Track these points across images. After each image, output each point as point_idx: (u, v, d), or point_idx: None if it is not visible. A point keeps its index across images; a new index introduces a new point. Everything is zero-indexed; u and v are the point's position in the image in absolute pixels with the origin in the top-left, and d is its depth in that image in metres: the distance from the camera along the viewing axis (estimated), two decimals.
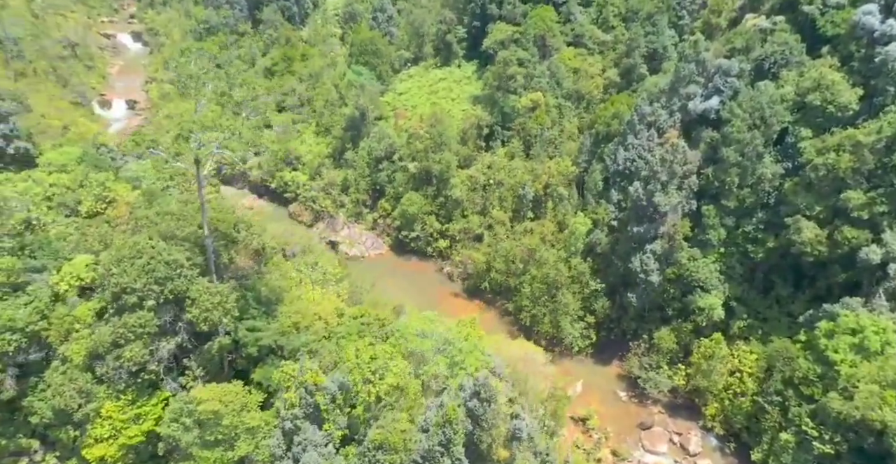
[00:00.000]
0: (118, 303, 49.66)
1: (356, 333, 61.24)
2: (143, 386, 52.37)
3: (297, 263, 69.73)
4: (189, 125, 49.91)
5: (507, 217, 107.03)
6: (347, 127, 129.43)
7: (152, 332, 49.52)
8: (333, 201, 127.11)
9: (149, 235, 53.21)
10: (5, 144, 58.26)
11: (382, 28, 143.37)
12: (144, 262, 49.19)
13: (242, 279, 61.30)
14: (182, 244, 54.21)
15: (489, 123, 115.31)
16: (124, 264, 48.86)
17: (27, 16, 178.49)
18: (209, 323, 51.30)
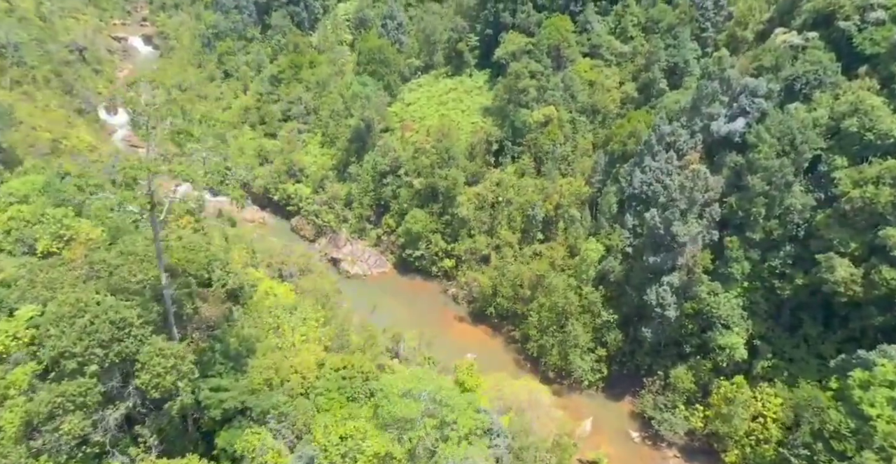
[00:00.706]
0: (56, 368, 44.05)
1: (336, 389, 55.52)
2: (89, 458, 45.26)
3: (273, 309, 63.16)
4: (133, 171, 44.11)
5: (516, 238, 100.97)
6: (353, 138, 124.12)
7: (95, 401, 43.68)
8: (336, 216, 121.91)
9: (96, 289, 47.40)
10: None
11: (392, 36, 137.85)
12: (86, 322, 43.14)
13: (210, 330, 55.55)
14: (133, 298, 47.88)
15: (499, 138, 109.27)
16: (63, 324, 43.17)
17: (35, 19, 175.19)
18: (161, 390, 45.47)
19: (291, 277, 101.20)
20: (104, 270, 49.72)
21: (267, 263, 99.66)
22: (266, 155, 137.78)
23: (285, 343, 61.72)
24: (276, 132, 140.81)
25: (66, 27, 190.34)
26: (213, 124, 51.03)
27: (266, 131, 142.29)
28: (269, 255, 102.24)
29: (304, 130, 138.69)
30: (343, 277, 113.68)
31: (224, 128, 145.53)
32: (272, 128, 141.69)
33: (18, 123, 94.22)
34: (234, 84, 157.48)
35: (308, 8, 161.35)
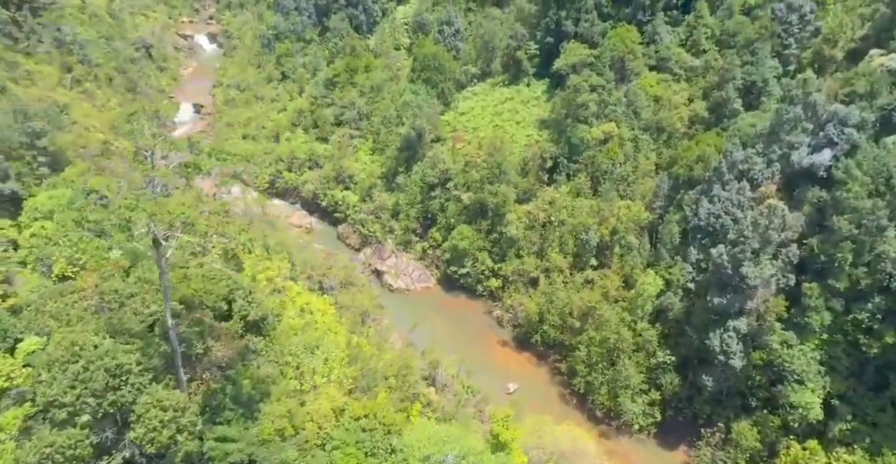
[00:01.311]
0: (46, 416, 39.91)
1: (354, 443, 49.94)
2: None
3: (294, 347, 57.16)
4: (127, 213, 39.32)
5: (567, 263, 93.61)
6: (402, 147, 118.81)
7: (87, 453, 39.30)
8: (382, 226, 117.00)
9: (96, 328, 42.87)
10: None
11: (448, 42, 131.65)
12: (80, 368, 38.86)
13: (223, 369, 50.73)
14: (134, 341, 43.14)
15: (554, 154, 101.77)
16: (56, 370, 38.89)
17: (105, 17, 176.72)
18: (157, 445, 40.75)
19: (332, 290, 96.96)
20: (114, 302, 45.38)
21: (307, 275, 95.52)
22: (317, 159, 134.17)
23: (304, 385, 56.47)
24: (328, 136, 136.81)
25: (135, 24, 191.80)
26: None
27: (318, 135, 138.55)
28: (310, 266, 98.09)
29: (356, 136, 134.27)
30: (385, 291, 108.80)
31: (277, 129, 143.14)
32: (324, 132, 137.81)
33: (72, 123, 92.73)
34: (291, 86, 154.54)
35: (367, 11, 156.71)
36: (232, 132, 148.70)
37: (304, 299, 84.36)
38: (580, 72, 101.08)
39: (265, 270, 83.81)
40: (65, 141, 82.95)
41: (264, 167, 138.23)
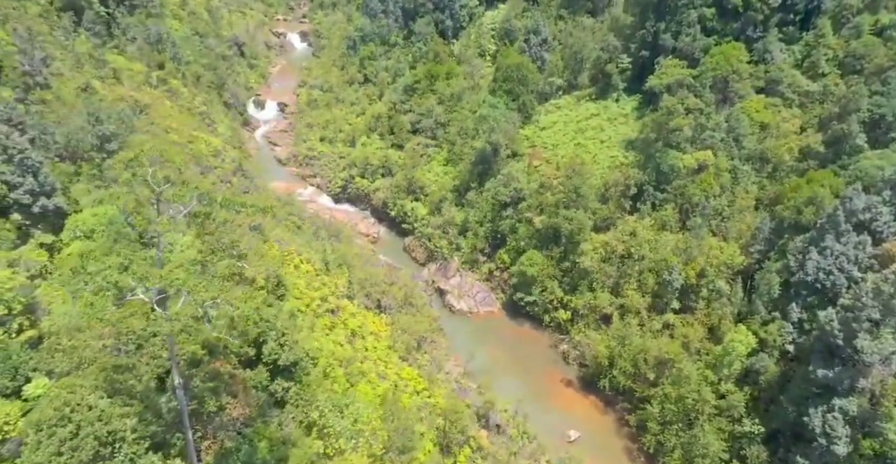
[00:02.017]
0: None
1: None
2: None
3: (323, 403, 50.18)
4: (114, 277, 33.72)
5: (645, 303, 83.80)
6: (477, 161, 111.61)
7: None
8: (449, 243, 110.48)
9: (96, 383, 37.57)
10: (31, 201, 47.49)
11: (534, 52, 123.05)
12: (68, 434, 33.84)
13: (241, 426, 45.00)
14: (132, 403, 37.48)
15: (639, 181, 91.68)
16: (43, 433, 34.18)
17: (203, 13, 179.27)
18: None
19: (390, 309, 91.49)
20: (131, 343, 40.52)
21: (366, 292, 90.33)
22: (390, 166, 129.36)
23: (329, 448, 50.17)
24: (404, 144, 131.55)
25: (230, 22, 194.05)
26: (237, 209, 40.05)
27: (394, 142, 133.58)
28: (370, 282, 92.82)
29: (431, 145, 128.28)
30: (446, 312, 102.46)
31: (354, 133, 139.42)
32: (400, 139, 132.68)
33: (149, 124, 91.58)
34: (371, 90, 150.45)
35: (453, 16, 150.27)
36: (311, 134, 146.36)
37: (358, 321, 79.24)
38: (676, 92, 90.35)
39: (320, 287, 79.21)
40: (138, 142, 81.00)
41: (338, 171, 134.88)
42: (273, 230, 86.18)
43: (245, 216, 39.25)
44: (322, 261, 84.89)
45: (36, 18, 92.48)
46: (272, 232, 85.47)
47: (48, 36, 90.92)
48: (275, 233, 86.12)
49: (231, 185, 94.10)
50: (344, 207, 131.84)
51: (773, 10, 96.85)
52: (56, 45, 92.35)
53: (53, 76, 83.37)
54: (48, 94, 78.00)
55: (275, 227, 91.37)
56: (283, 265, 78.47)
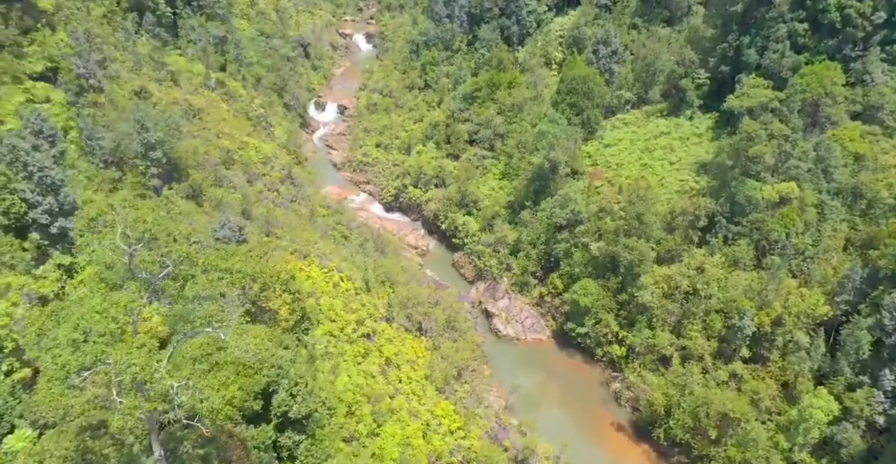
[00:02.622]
0: None
1: None
2: None
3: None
4: (73, 359, 28.46)
5: (710, 348, 75.44)
6: (533, 177, 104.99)
7: None
8: (500, 262, 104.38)
9: (64, 454, 32.59)
10: (49, 222, 44.67)
11: (602, 64, 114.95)
12: None
13: None
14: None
15: (711, 212, 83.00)
16: None
17: (272, 14, 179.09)
18: None
19: (431, 333, 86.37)
20: None
21: (407, 314, 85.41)
22: (444, 177, 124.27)
23: None
24: (460, 154, 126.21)
25: (298, 22, 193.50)
26: (219, 277, 34.69)
27: (450, 151, 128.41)
28: (413, 302, 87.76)
29: (487, 157, 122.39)
30: (492, 336, 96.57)
31: (410, 141, 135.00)
32: (456, 149, 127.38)
33: (202, 129, 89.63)
34: (431, 96, 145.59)
35: (520, 22, 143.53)
36: (367, 139, 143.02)
37: (395, 348, 74.32)
38: (758, 116, 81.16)
39: (358, 309, 74.79)
40: (186, 149, 78.77)
41: (391, 179, 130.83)
42: (315, 244, 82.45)
43: (227, 285, 33.48)
44: (363, 280, 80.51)
45: (99, 19, 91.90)
46: (314, 246, 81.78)
47: (108, 38, 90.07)
48: (317, 247, 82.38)
49: (278, 193, 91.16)
50: (395, 217, 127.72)
51: (876, 26, 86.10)
52: (117, 47, 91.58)
53: (110, 79, 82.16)
54: (101, 97, 76.57)
55: (318, 239, 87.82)
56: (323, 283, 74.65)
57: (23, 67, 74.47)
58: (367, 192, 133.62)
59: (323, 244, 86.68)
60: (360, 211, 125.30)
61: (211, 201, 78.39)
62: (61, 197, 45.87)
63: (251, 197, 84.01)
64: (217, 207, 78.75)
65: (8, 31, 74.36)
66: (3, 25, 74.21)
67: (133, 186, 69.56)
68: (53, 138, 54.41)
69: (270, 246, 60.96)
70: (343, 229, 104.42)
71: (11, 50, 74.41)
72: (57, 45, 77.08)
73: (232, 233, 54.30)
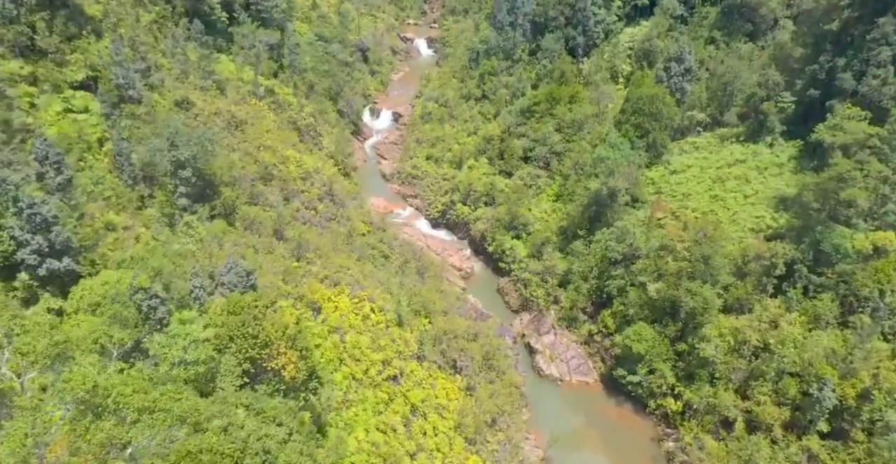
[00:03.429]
0: None
1: None
2: None
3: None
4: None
5: (781, 417, 66.12)
6: (590, 203, 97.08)
7: None
8: (547, 293, 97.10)
9: None
10: (38, 262, 41.04)
11: (674, 82, 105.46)
12: None
13: None
14: None
15: (790, 258, 73.30)
16: None
17: (333, 17, 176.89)
18: None
19: (467, 371, 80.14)
20: None
21: (441, 350, 79.46)
22: (494, 195, 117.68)
23: None
24: (513, 171, 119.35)
25: (359, 25, 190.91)
26: (156, 421, 28.88)
27: (502, 168, 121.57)
28: (449, 336, 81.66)
29: (542, 176, 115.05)
30: (533, 374, 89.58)
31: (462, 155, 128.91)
32: (510, 165, 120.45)
33: (243, 141, 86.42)
34: (487, 107, 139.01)
35: (586, 32, 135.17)
36: (418, 150, 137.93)
37: (423, 393, 68.23)
38: (853, 154, 70.96)
39: (387, 345, 69.35)
40: (221, 165, 75.36)
41: (440, 195, 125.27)
42: (349, 270, 77.60)
43: (146, 428, 27.32)
44: (396, 312, 75.08)
45: (150, 25, 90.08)
46: (347, 272, 76.97)
47: (158, 45, 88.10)
48: (350, 273, 77.54)
49: (315, 212, 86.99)
50: (440, 234, 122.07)
51: None
52: (166, 54, 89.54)
53: (152, 89, 79.89)
54: (140, 108, 74.12)
55: (353, 263, 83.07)
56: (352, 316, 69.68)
57: (64, 76, 72.80)
58: (414, 206, 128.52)
59: (358, 268, 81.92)
60: (404, 227, 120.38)
61: (243, 220, 74.80)
62: (53, 236, 42.35)
63: (286, 216, 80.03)
64: (249, 227, 75.22)
65: (51, 38, 72.79)
66: (46, 32, 72.67)
67: (161, 204, 66.49)
68: (59, 165, 51.37)
69: (278, 294, 56.13)
70: (384, 248, 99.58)
71: (54, 57, 72.87)
72: (99, 53, 75.05)
73: (239, 279, 49.73)
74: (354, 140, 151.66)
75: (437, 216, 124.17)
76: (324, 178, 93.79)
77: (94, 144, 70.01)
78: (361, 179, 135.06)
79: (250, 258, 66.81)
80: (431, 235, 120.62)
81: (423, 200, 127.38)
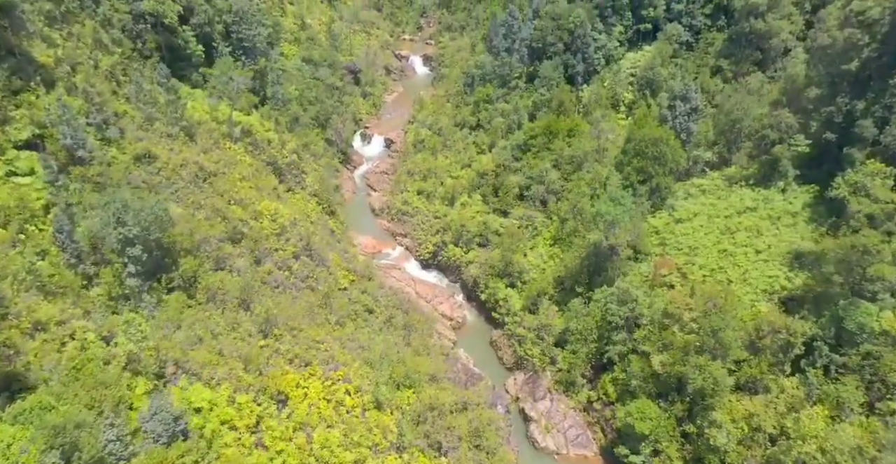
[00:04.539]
0: None
1: None
2: None
3: None
4: None
5: None
6: (589, 255, 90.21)
7: None
8: (543, 353, 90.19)
9: None
10: None
11: (679, 123, 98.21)
12: None
13: None
14: None
15: (809, 336, 66.22)
16: None
17: (322, 39, 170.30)
18: None
19: (453, 452, 73.14)
20: None
21: (425, 430, 72.44)
22: (488, 235, 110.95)
23: None
24: (508, 210, 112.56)
25: (352, 45, 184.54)
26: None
27: (497, 206, 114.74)
28: (434, 413, 74.53)
29: (538, 217, 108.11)
30: (528, 445, 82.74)
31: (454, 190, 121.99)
32: (504, 204, 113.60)
33: (212, 194, 79.50)
34: (482, 137, 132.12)
35: (586, 60, 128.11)
36: (409, 183, 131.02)
37: None
38: (881, 223, 63.84)
39: (362, 437, 62.48)
40: (181, 232, 68.54)
41: (431, 234, 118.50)
42: (322, 344, 70.74)
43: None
44: (374, 395, 68.18)
45: (112, 68, 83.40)
46: (321, 348, 70.14)
47: (117, 90, 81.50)
48: (324, 348, 70.67)
49: (290, 273, 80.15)
50: (431, 278, 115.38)
51: None
52: (130, 99, 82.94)
53: (110, 143, 73.31)
54: (91, 170, 67.54)
55: (329, 332, 76.26)
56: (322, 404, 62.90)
57: (7, 135, 66.30)
58: (403, 245, 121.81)
59: (335, 337, 75.07)
60: (392, 270, 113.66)
61: (206, 291, 68.14)
62: None
63: (255, 282, 73.29)
64: (213, 298, 68.57)
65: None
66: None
67: (109, 285, 59.81)
68: None
69: (237, 386, 49.19)
70: (368, 301, 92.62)
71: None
72: (49, 108, 68.44)
73: (164, 427, 42.29)
74: (344, 170, 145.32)
75: (427, 257, 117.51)
76: (301, 231, 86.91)
77: (39, 212, 63.52)
78: (349, 213, 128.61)
79: (207, 344, 60.23)
80: (421, 279, 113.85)
81: (413, 239, 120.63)
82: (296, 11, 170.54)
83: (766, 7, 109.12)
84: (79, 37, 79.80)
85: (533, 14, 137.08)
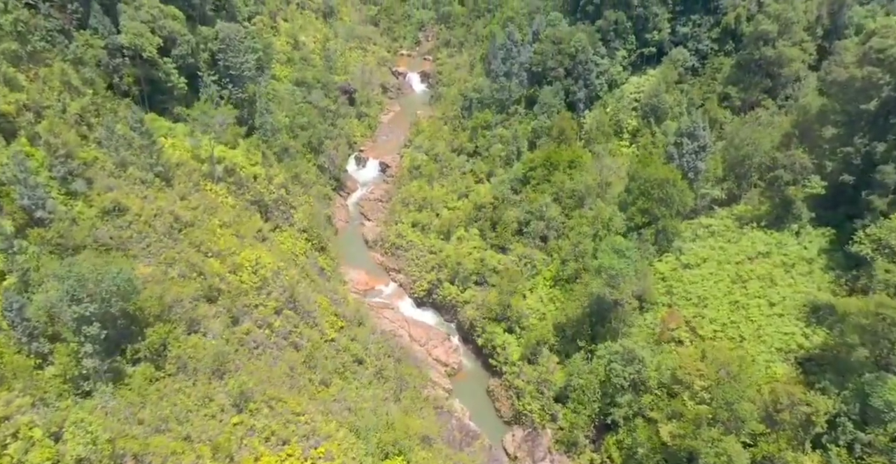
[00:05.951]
0: None
1: None
2: None
3: None
4: None
5: None
6: (591, 304, 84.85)
7: None
8: (542, 408, 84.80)
9: None
10: None
11: (686, 161, 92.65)
12: None
13: None
14: None
15: (831, 412, 60.65)
16: None
17: (316, 59, 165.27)
18: None
19: None
20: None
21: None
22: (485, 274, 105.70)
23: None
24: (506, 246, 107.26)
25: (347, 63, 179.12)
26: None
27: (495, 242, 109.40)
28: None
29: (538, 255, 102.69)
30: None
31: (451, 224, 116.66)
32: (503, 239, 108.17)
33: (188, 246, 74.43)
34: (480, 165, 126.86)
35: (588, 85, 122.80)
36: (404, 214, 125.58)
37: None
38: None
39: None
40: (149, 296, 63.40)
41: (426, 271, 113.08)
42: (303, 416, 65.47)
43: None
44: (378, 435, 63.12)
45: (82, 111, 78.40)
46: (300, 420, 64.87)
47: (86, 135, 76.58)
48: (307, 418, 65.41)
49: (271, 331, 74.94)
50: (426, 318, 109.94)
51: None
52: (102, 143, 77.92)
53: (75, 196, 68.36)
54: (51, 231, 62.53)
55: (315, 391, 71.13)
56: None
57: None
58: (397, 282, 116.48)
59: (317, 404, 69.79)
60: (385, 310, 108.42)
61: (175, 361, 63.04)
62: None
63: (232, 345, 68.17)
64: (183, 368, 63.45)
65: None
66: None
67: (64, 366, 54.70)
68: None
69: None
70: (357, 350, 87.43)
71: None
72: (6, 164, 63.39)
73: None
74: (336, 197, 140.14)
75: (422, 295, 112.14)
76: (285, 281, 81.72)
77: None
78: (342, 244, 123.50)
79: (173, 429, 55.09)
80: (415, 320, 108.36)
81: (407, 275, 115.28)
82: (289, 29, 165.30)
83: (776, 33, 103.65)
84: (44, 80, 74.76)
85: (533, 37, 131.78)
